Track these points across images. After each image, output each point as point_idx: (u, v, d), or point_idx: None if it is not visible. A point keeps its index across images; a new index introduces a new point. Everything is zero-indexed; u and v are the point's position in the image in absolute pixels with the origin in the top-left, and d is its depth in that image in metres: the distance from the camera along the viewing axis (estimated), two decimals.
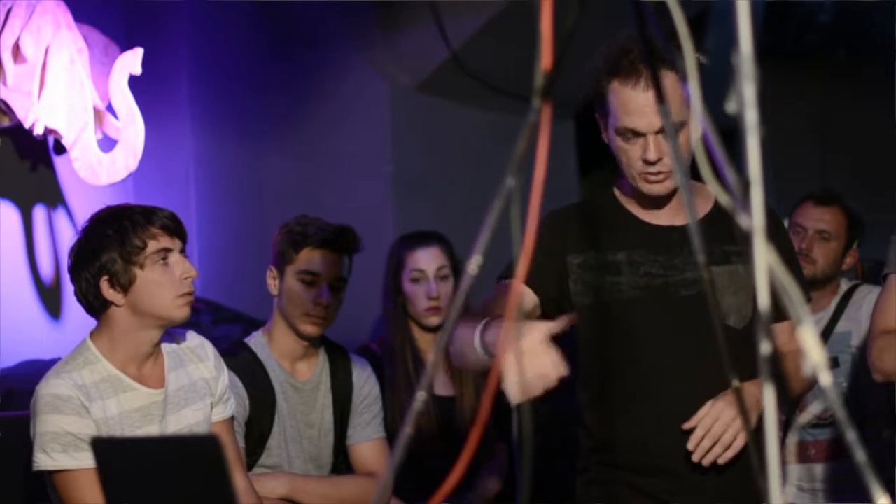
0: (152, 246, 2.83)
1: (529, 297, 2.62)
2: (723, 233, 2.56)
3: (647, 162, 2.56)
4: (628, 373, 2.65)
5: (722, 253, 2.63)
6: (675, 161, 1.56)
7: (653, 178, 2.58)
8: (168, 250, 2.85)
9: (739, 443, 2.53)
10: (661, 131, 2.54)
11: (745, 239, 1.97)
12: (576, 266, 2.65)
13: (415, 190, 5.51)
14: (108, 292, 2.84)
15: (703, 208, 2.67)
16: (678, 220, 2.66)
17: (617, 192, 2.72)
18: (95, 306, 2.88)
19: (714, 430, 2.53)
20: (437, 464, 2.44)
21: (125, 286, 2.83)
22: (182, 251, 2.89)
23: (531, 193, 1.62)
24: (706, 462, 2.54)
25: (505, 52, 4.97)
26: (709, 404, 2.54)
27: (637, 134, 2.56)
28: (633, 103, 2.54)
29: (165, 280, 2.84)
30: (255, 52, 5.37)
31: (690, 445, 2.55)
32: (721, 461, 2.54)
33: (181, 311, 2.86)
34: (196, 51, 5.15)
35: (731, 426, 2.52)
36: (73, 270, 2.89)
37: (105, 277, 2.83)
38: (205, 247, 4.98)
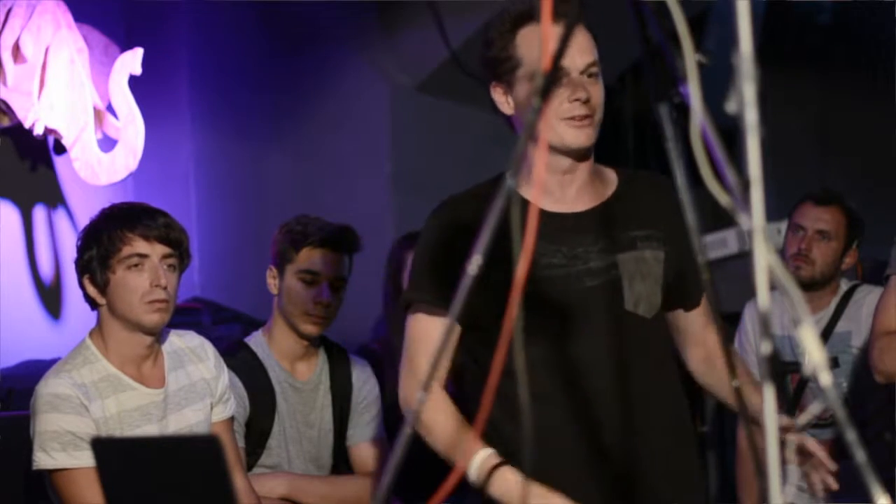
0: (126, 251, 2.83)
1: (439, 326, 2.39)
2: (626, 217, 2.47)
3: (576, 101, 2.39)
4: (535, 371, 2.36)
5: (627, 238, 2.47)
6: (677, 169, 1.56)
7: (578, 122, 2.41)
8: (143, 256, 2.84)
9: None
10: (590, 74, 2.42)
11: (655, 222, 1.91)
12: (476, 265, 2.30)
13: (415, 190, 5.50)
14: (90, 289, 2.87)
15: (605, 192, 2.53)
16: (579, 207, 2.49)
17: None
18: (88, 301, 2.91)
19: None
20: (437, 464, 2.43)
21: (101, 287, 2.85)
22: (167, 258, 2.86)
23: (531, 194, 1.62)
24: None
25: None
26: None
27: (567, 75, 2.40)
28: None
29: (133, 285, 2.83)
30: (256, 51, 5.37)
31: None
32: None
33: (149, 318, 2.83)
34: (196, 51, 5.15)
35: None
36: (76, 261, 2.91)
37: (87, 276, 2.87)
38: (205, 247, 4.97)
